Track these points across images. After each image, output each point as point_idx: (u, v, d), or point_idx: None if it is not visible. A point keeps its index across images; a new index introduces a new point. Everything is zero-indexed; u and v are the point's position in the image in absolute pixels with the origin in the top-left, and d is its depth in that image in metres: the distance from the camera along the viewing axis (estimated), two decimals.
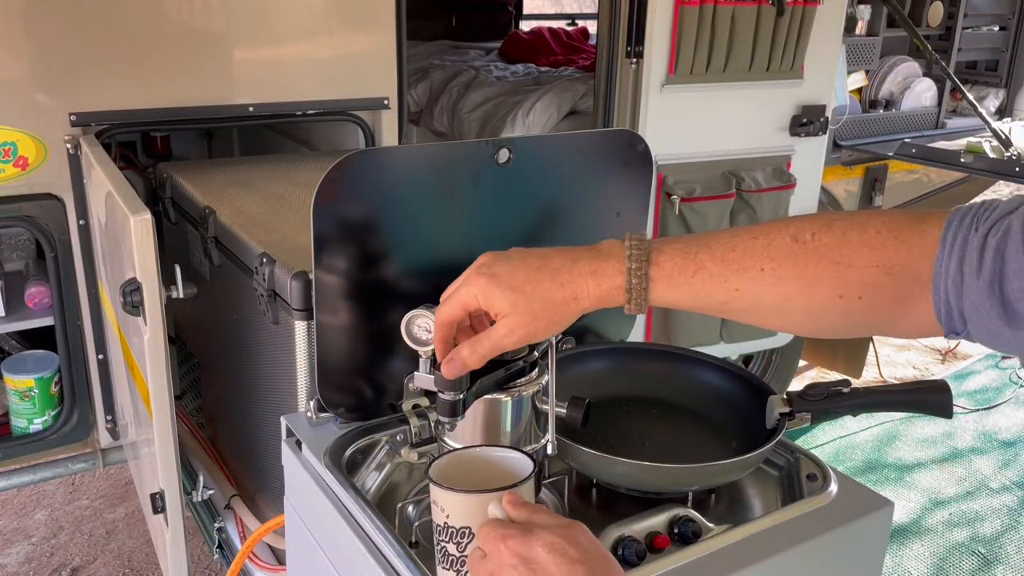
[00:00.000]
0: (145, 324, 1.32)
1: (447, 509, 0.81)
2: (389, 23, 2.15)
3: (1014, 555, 2.65)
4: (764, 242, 0.81)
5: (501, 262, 0.87)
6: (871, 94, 3.32)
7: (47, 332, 2.02)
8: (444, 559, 0.84)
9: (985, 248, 0.71)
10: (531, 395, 1.03)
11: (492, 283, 0.85)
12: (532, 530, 0.73)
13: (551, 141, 1.48)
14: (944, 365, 4.04)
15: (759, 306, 0.82)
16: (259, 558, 1.50)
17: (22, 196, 1.86)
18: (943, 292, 0.74)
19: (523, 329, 0.85)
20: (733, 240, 0.82)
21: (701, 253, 0.82)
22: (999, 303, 0.70)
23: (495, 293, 0.85)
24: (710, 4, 2.33)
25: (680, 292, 0.83)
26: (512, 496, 0.78)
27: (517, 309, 0.84)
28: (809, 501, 1.07)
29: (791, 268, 0.79)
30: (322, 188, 1.05)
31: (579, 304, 0.85)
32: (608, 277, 0.84)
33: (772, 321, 0.84)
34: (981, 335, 0.73)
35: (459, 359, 0.89)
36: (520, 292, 0.84)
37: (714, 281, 0.82)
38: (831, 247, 0.78)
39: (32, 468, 2.13)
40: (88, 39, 1.86)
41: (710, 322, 2.68)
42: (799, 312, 0.81)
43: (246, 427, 1.66)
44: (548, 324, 0.86)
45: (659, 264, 0.83)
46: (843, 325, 0.82)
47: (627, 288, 0.83)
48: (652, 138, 2.17)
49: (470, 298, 0.87)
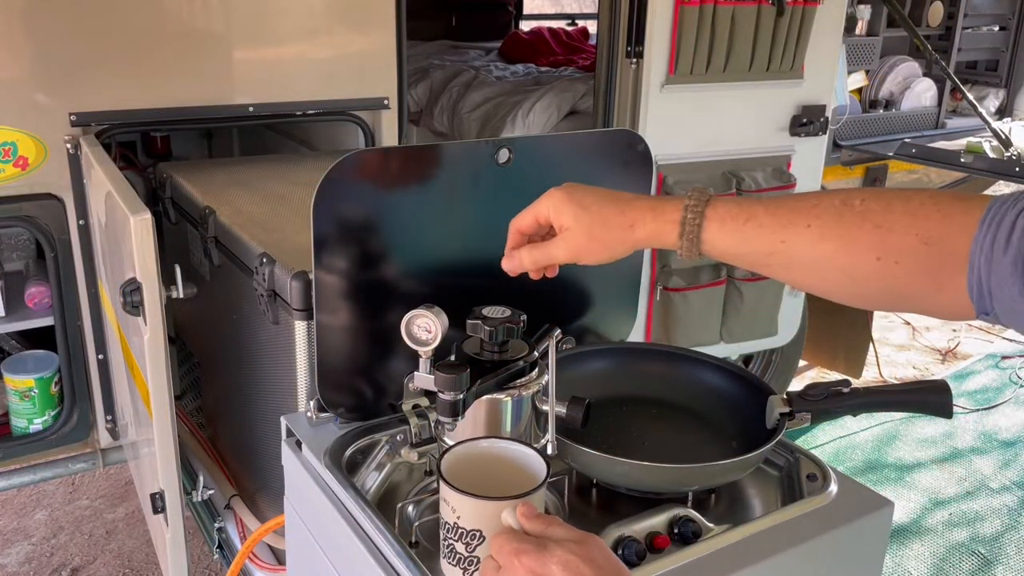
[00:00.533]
0: (145, 324, 1.32)
1: (458, 510, 0.81)
2: (389, 23, 2.15)
3: (1014, 555, 2.65)
4: (814, 202, 0.85)
5: (579, 186, 0.95)
6: (871, 94, 3.32)
7: (47, 332, 2.02)
8: (451, 555, 0.83)
9: (1014, 227, 0.72)
10: (531, 395, 1.03)
11: (565, 198, 0.93)
12: (547, 546, 0.73)
13: (551, 141, 1.48)
14: (944, 365, 4.04)
15: (800, 261, 0.85)
16: (259, 558, 1.50)
17: (22, 196, 1.86)
18: (976, 269, 0.75)
19: (579, 246, 0.92)
20: (785, 200, 0.87)
21: (755, 205, 0.87)
22: (1021, 280, 0.71)
23: (565, 206, 0.93)
24: (710, 4, 2.33)
25: (730, 238, 0.87)
26: (527, 508, 0.78)
27: (579, 224, 0.92)
28: (809, 501, 1.07)
29: (835, 227, 0.82)
30: (322, 188, 1.05)
31: (634, 233, 0.91)
32: (666, 213, 0.89)
33: (812, 278, 0.87)
34: (1005, 313, 0.75)
35: (517, 256, 0.97)
36: (586, 209, 0.92)
37: (763, 231, 0.86)
38: (876, 212, 0.81)
39: (32, 468, 2.13)
40: (88, 39, 1.86)
41: (710, 322, 2.68)
42: (838, 271, 0.83)
43: (246, 427, 1.66)
44: (602, 247, 0.92)
45: (715, 206, 0.88)
46: (880, 291, 0.83)
47: (682, 222, 0.88)
48: (652, 138, 2.16)
49: (543, 208, 0.95)
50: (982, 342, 4.26)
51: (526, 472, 0.86)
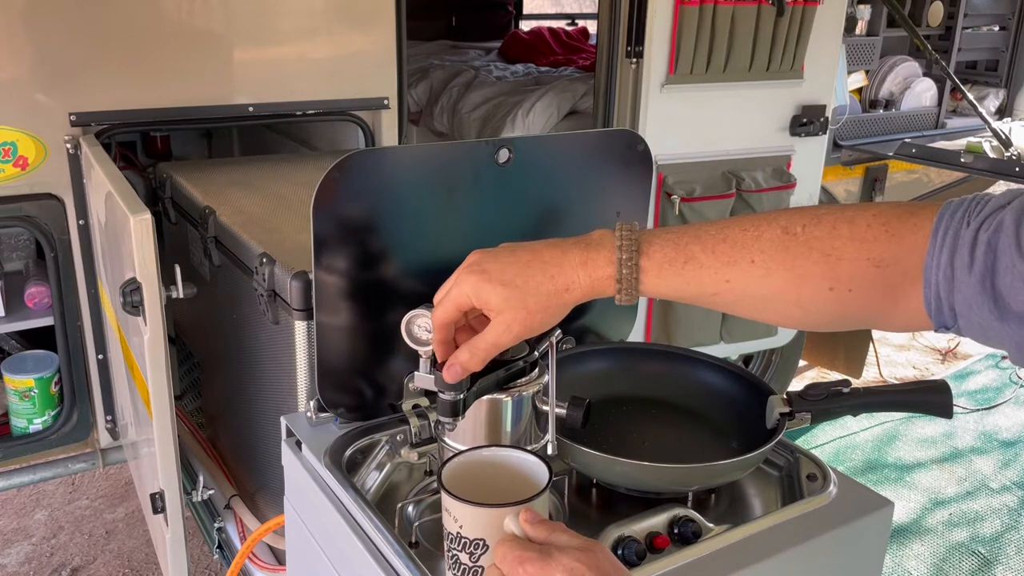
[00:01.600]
0: (145, 324, 1.32)
1: (460, 520, 0.79)
2: (389, 23, 2.15)
3: (1014, 555, 2.65)
4: (755, 234, 0.81)
5: (490, 259, 0.87)
6: (871, 94, 3.32)
7: (47, 332, 2.02)
8: (455, 567, 0.82)
9: (976, 243, 0.71)
10: (531, 395, 1.03)
11: (483, 280, 0.85)
12: (551, 553, 0.72)
13: (551, 141, 1.48)
14: (944, 365, 4.04)
15: (749, 297, 0.82)
16: (259, 558, 1.50)
17: (22, 196, 1.86)
18: (934, 286, 0.74)
19: (520, 325, 0.85)
20: (724, 232, 0.82)
21: (692, 244, 0.82)
22: (991, 298, 0.70)
23: (486, 289, 0.85)
24: (710, 4, 2.33)
25: (670, 283, 0.83)
26: (529, 514, 0.76)
27: (511, 305, 0.84)
28: (809, 501, 1.07)
29: (781, 260, 0.79)
30: (322, 188, 1.05)
31: (571, 295, 0.85)
32: (599, 267, 0.84)
33: (763, 313, 0.84)
34: (972, 330, 0.73)
35: (459, 364, 0.88)
36: (512, 287, 0.84)
37: (704, 272, 0.82)
38: (821, 239, 0.78)
39: (32, 468, 2.13)
40: (88, 39, 1.86)
41: (710, 322, 2.68)
42: (790, 304, 0.81)
43: (246, 427, 1.66)
44: (544, 317, 0.86)
45: (649, 255, 0.83)
46: (833, 317, 0.82)
47: (617, 278, 0.83)
48: (652, 138, 2.17)
49: (463, 297, 0.87)
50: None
51: (528, 479, 0.84)
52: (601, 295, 0.86)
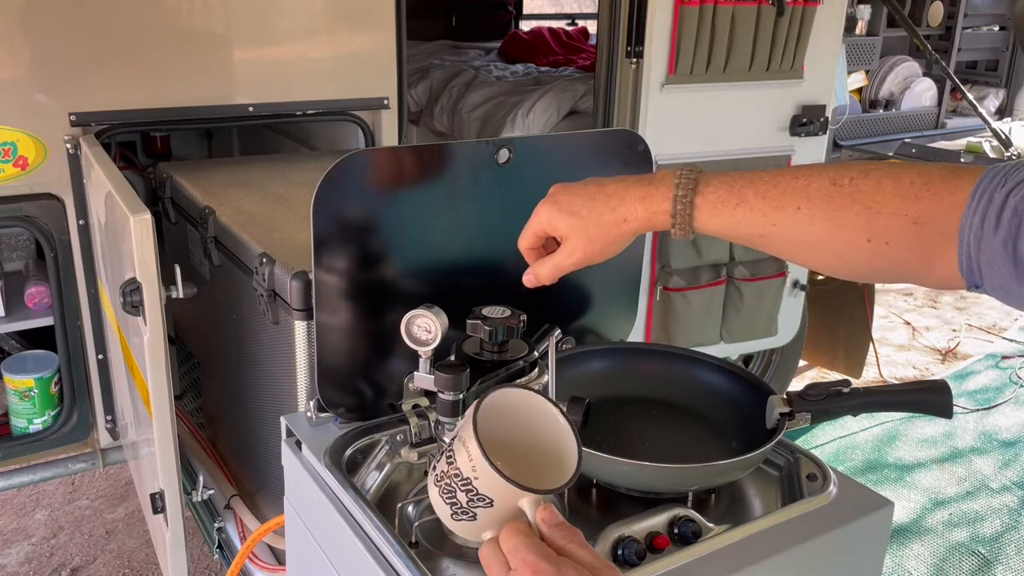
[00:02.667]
0: (145, 324, 1.32)
1: (479, 470, 0.75)
2: (389, 23, 2.15)
3: (1014, 555, 2.65)
4: (804, 183, 0.85)
5: (564, 192, 0.96)
6: (871, 94, 3.32)
7: (47, 332, 2.02)
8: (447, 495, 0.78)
9: (1005, 207, 0.72)
10: None
11: (554, 210, 0.95)
12: (566, 566, 0.69)
13: (551, 141, 1.48)
14: (944, 365, 4.04)
15: (792, 243, 0.87)
16: (259, 558, 1.50)
17: (22, 196, 1.86)
18: (966, 245, 0.76)
19: (582, 250, 0.95)
20: (776, 179, 0.87)
21: (745, 188, 0.87)
22: (1011, 261, 0.72)
23: (557, 218, 0.95)
24: (710, 4, 2.33)
25: (722, 221, 0.88)
26: (550, 514, 0.74)
27: (575, 232, 0.94)
28: (809, 501, 1.07)
29: (825, 209, 0.83)
30: (322, 188, 1.05)
31: (629, 226, 0.92)
32: (656, 202, 0.90)
33: (803, 256, 0.89)
34: (995, 290, 0.75)
35: (532, 273, 0.99)
36: (577, 216, 0.93)
37: (754, 214, 0.86)
38: (865, 192, 0.81)
39: (32, 468, 2.13)
40: (88, 39, 1.86)
41: (710, 322, 2.68)
42: (828, 251, 0.85)
43: (246, 427, 1.66)
44: (603, 245, 0.94)
45: (704, 194, 0.88)
46: (870, 268, 0.85)
47: (672, 213, 0.89)
48: (652, 138, 2.16)
49: (538, 225, 0.97)
50: (982, 342, 4.26)
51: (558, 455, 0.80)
52: (658, 228, 0.92)
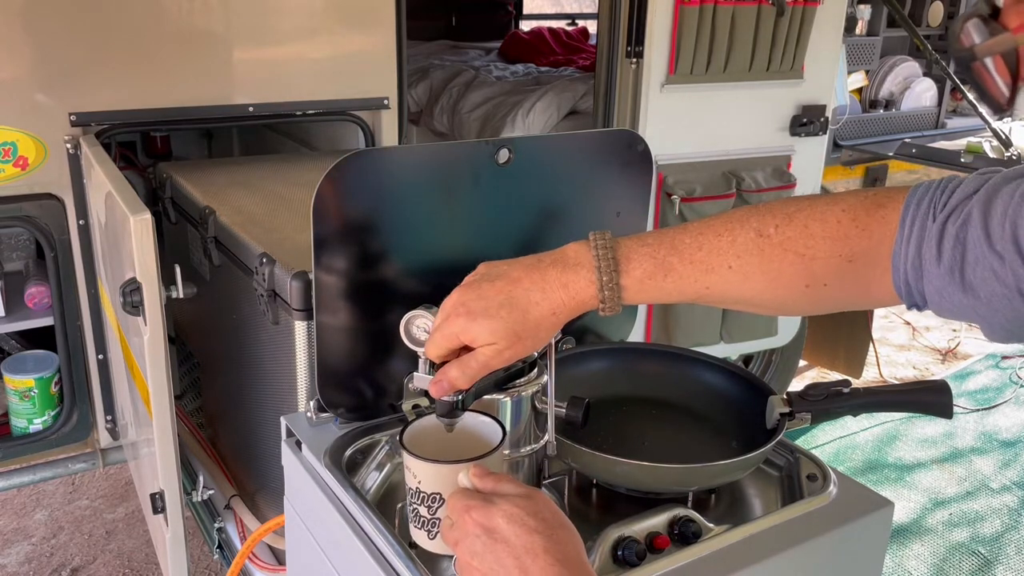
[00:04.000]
0: (145, 324, 1.32)
1: (419, 476, 0.87)
2: (389, 23, 2.15)
3: (1014, 555, 2.65)
4: (729, 239, 0.83)
5: (473, 298, 0.87)
6: (871, 94, 3.32)
7: (47, 332, 2.02)
8: (416, 519, 0.90)
9: (944, 236, 0.73)
10: (531, 395, 1.03)
11: (470, 321, 0.86)
12: (494, 501, 0.77)
13: (551, 141, 1.48)
14: (944, 365, 4.04)
15: (729, 298, 0.86)
16: (259, 558, 1.50)
17: (22, 196, 1.86)
18: (902, 274, 0.76)
19: (510, 351, 0.87)
20: (698, 239, 0.85)
21: (670, 256, 0.85)
22: (960, 288, 0.72)
23: (473, 328, 0.86)
24: (710, 4, 2.33)
25: (651, 295, 0.87)
26: (478, 468, 0.82)
27: (499, 335, 0.86)
28: (809, 501, 1.07)
29: (758, 264, 0.82)
30: (322, 188, 1.05)
31: (557, 318, 0.88)
32: (581, 289, 0.86)
33: (743, 307, 0.89)
34: (943, 312, 0.76)
35: (447, 380, 0.88)
36: (498, 319, 0.85)
37: (685, 282, 0.85)
38: (794, 240, 0.81)
39: (32, 468, 2.13)
40: (88, 39, 1.86)
41: (710, 322, 2.68)
42: (768, 302, 0.85)
43: (246, 427, 1.66)
44: (533, 341, 0.88)
45: (629, 272, 0.85)
46: (810, 307, 0.86)
47: (600, 299, 0.86)
48: (652, 138, 2.17)
49: (452, 339, 0.87)
50: (982, 342, 4.25)
51: (484, 439, 0.92)
52: (587, 310, 0.88)
